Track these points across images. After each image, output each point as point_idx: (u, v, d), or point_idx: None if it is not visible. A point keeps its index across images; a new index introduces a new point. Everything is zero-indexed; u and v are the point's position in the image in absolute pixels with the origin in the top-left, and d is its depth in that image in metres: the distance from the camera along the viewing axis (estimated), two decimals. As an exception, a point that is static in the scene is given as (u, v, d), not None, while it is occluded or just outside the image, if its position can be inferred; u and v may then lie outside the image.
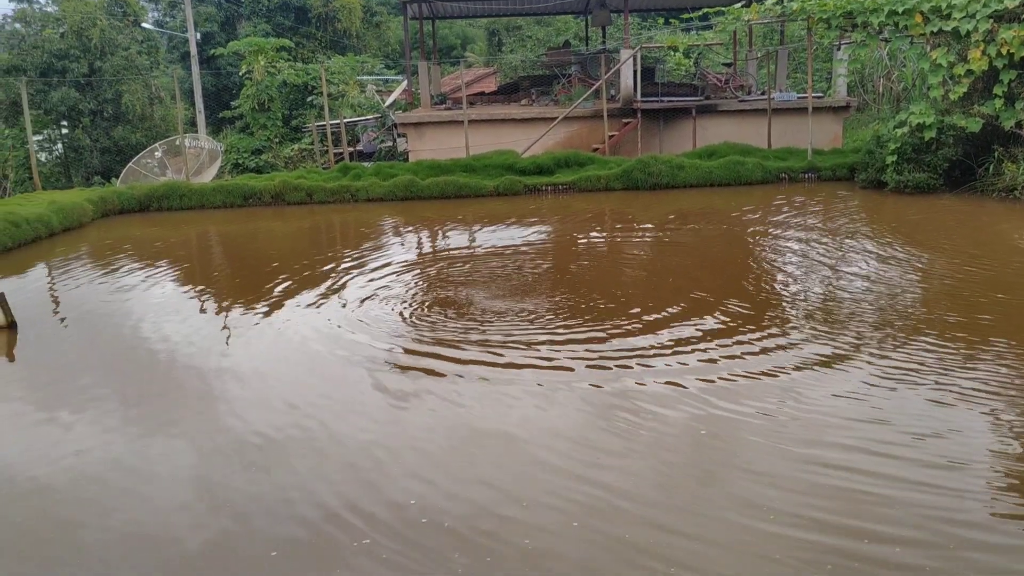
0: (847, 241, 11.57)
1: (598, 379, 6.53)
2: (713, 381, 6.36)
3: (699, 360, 6.84)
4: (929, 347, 6.93)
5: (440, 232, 14.10)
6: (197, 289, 10.34)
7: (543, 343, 7.37)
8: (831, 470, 4.86)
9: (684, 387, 6.27)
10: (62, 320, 9.27)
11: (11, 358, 7.98)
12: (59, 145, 27.27)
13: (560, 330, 7.75)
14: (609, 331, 7.68)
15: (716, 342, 7.27)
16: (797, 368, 6.58)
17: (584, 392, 6.29)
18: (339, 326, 8.25)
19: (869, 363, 6.61)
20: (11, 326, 8.56)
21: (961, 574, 3.87)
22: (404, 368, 6.99)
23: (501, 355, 7.11)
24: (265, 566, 4.19)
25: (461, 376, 6.71)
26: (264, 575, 4.13)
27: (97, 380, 7.07)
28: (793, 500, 4.55)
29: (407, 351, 7.46)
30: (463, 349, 7.32)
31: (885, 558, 4.02)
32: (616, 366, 6.78)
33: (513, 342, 7.43)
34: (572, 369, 6.76)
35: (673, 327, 7.76)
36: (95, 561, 4.34)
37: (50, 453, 5.61)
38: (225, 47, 28.07)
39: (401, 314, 8.61)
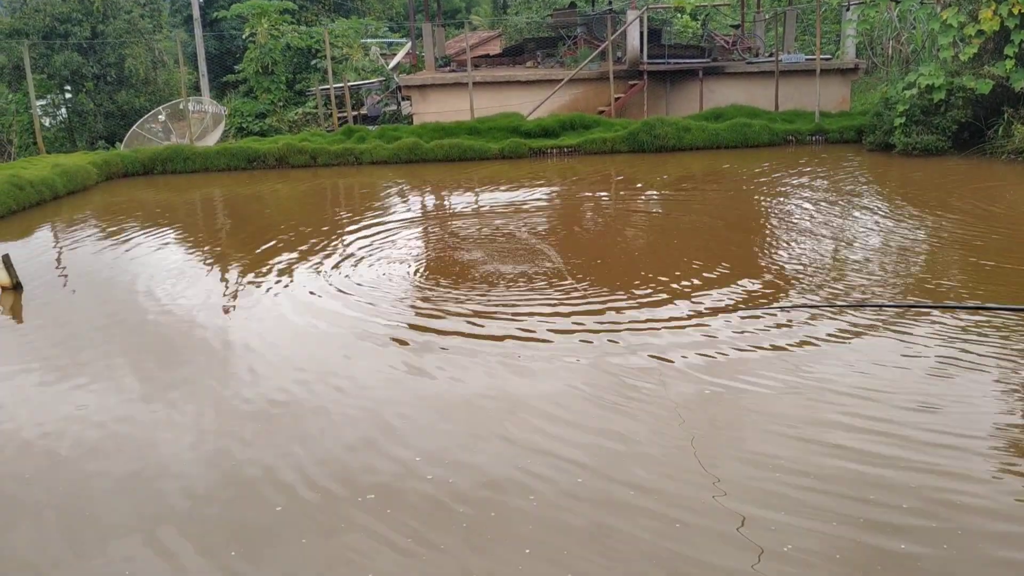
0: (852, 205, 11.50)
1: (596, 348, 6.53)
2: (712, 351, 6.36)
3: (699, 331, 6.77)
4: (931, 315, 6.90)
5: (444, 195, 14.06)
6: (201, 252, 10.34)
7: (541, 311, 7.37)
8: (832, 446, 4.73)
9: (680, 357, 6.26)
10: (67, 282, 9.28)
11: (18, 319, 8.01)
12: (63, 110, 27.13)
13: (559, 298, 7.74)
14: (607, 300, 7.65)
15: (717, 310, 7.25)
16: (797, 337, 6.56)
17: (583, 361, 6.29)
18: (342, 290, 8.25)
19: (872, 331, 6.59)
20: (16, 287, 8.58)
21: (966, 557, 3.79)
22: (406, 332, 7.01)
23: (501, 321, 7.12)
24: (269, 519, 4.22)
25: (462, 341, 6.71)
26: (268, 528, 4.16)
27: (102, 341, 7.08)
28: (792, 478, 4.45)
29: (410, 315, 7.48)
30: (462, 315, 7.33)
31: (888, 535, 4.02)
32: (612, 337, 6.77)
33: (512, 310, 7.44)
34: (569, 337, 6.77)
35: (672, 295, 7.73)
36: (106, 514, 4.38)
37: (58, 411, 5.65)
38: (228, 10, 27.80)
39: (403, 278, 8.61)
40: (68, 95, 26.78)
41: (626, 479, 4.44)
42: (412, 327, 7.05)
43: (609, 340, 6.49)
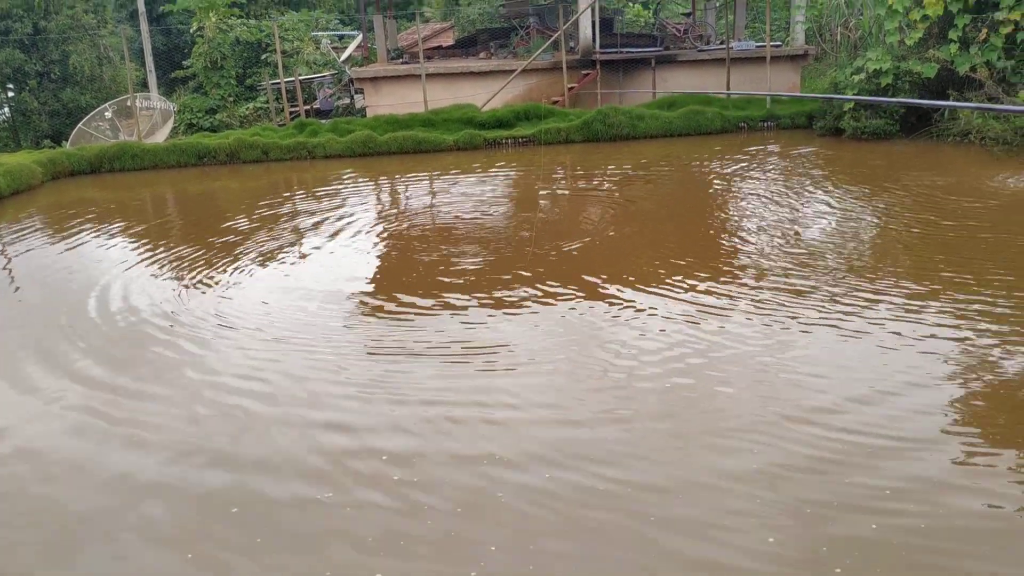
0: (805, 189, 11.63)
1: (574, 327, 6.53)
2: (685, 324, 6.39)
3: (660, 314, 6.85)
4: (885, 295, 7.00)
5: (399, 187, 13.95)
6: (151, 250, 10.12)
7: (511, 296, 7.36)
8: (798, 423, 4.79)
9: (650, 340, 6.29)
10: (12, 282, 9.04)
11: (-40, 321, 7.78)
12: (5, 108, 26.52)
13: (529, 283, 7.73)
14: (578, 281, 7.67)
15: (675, 292, 7.29)
16: (761, 319, 6.61)
17: (560, 334, 6.30)
18: (299, 281, 8.16)
19: (829, 312, 6.67)
20: (-41, 289, 8.34)
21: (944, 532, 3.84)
22: (372, 322, 6.94)
23: (471, 307, 7.10)
24: (228, 521, 4.15)
25: (431, 326, 6.67)
26: (230, 530, 4.09)
27: (49, 342, 6.89)
28: (763, 456, 4.49)
29: (377, 304, 7.41)
30: (432, 301, 7.29)
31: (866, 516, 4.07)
32: (583, 318, 6.79)
33: (479, 292, 7.41)
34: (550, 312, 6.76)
35: (632, 280, 7.75)
36: (75, 520, 4.27)
37: (13, 414, 5.49)
38: (175, 4, 27.29)
39: (365, 267, 8.53)
40: (11, 93, 26.16)
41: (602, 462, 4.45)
42: (382, 308, 6.98)
43: (584, 318, 6.50)
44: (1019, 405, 4.89)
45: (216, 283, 8.26)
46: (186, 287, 8.18)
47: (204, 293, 7.94)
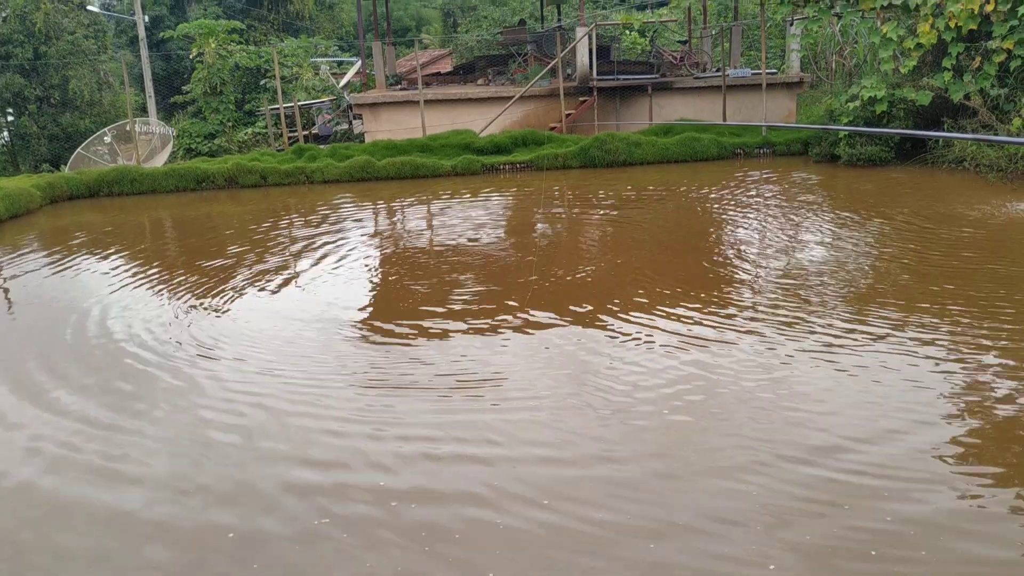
0: (801, 216, 11.67)
1: (566, 357, 6.53)
2: (671, 355, 6.39)
3: (655, 347, 6.85)
4: (881, 328, 7.01)
5: (396, 213, 13.99)
6: (148, 275, 10.13)
7: (502, 327, 7.36)
8: (796, 463, 4.74)
9: (644, 375, 6.29)
10: (10, 307, 9.04)
11: (-44, 347, 7.76)
12: (5, 133, 26.62)
13: (521, 314, 7.73)
14: (571, 313, 7.67)
15: (669, 324, 7.29)
16: (757, 354, 6.61)
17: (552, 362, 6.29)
18: (288, 309, 8.17)
19: (825, 346, 6.67)
20: (-45, 315, 8.33)
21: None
22: (359, 353, 6.94)
23: (461, 338, 7.09)
24: (223, 549, 4.13)
25: (420, 358, 6.67)
26: (222, 559, 4.06)
27: (50, 367, 6.87)
28: (761, 497, 4.46)
29: (369, 330, 7.41)
30: (421, 332, 7.29)
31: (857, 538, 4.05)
32: (575, 351, 6.78)
33: (470, 323, 7.41)
34: (541, 337, 6.76)
35: (626, 312, 7.76)
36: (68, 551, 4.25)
37: (8, 441, 5.48)
38: (175, 30, 27.51)
39: (356, 295, 8.54)
40: (11, 118, 26.27)
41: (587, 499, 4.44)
42: (373, 334, 6.98)
43: (575, 347, 6.50)
44: (1022, 442, 4.86)
45: (205, 310, 8.25)
46: (175, 315, 8.16)
47: (193, 321, 7.93)
